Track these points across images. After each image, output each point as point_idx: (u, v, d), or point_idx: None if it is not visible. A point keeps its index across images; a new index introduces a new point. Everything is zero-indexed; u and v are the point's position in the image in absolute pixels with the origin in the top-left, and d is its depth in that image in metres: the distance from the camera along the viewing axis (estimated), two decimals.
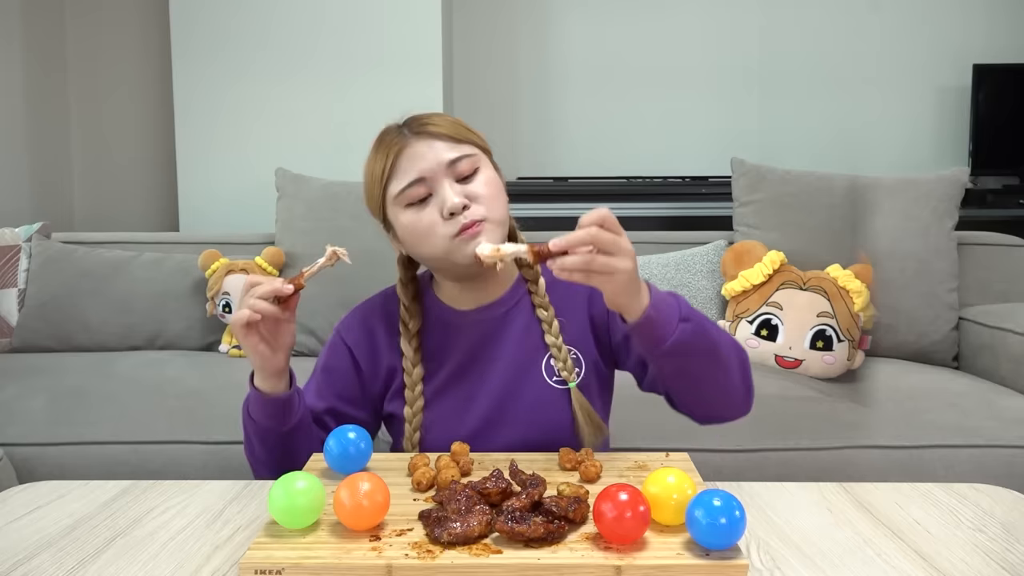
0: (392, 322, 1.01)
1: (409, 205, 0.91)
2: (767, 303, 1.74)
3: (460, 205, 0.89)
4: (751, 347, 1.73)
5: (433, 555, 0.63)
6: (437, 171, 0.90)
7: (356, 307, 1.05)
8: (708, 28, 3.08)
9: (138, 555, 0.72)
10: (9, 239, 2.05)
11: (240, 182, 2.63)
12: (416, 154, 0.90)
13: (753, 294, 1.77)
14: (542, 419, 0.95)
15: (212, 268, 1.95)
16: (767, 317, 1.73)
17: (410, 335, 0.98)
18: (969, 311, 1.88)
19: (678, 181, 2.85)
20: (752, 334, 1.74)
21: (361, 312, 1.04)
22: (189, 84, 2.65)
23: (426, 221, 0.90)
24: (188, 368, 1.76)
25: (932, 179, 1.92)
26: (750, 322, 1.74)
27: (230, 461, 1.39)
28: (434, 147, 0.91)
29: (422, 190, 0.90)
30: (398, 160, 0.91)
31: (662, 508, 0.68)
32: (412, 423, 0.96)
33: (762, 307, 1.74)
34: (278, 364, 0.88)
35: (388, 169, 0.91)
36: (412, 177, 0.90)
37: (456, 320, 1.00)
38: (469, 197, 0.90)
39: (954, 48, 3.00)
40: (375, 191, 0.94)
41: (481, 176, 0.92)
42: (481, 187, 0.91)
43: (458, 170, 0.91)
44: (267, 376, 0.89)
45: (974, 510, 0.81)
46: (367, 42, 2.60)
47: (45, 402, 1.52)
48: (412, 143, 0.91)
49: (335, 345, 1.02)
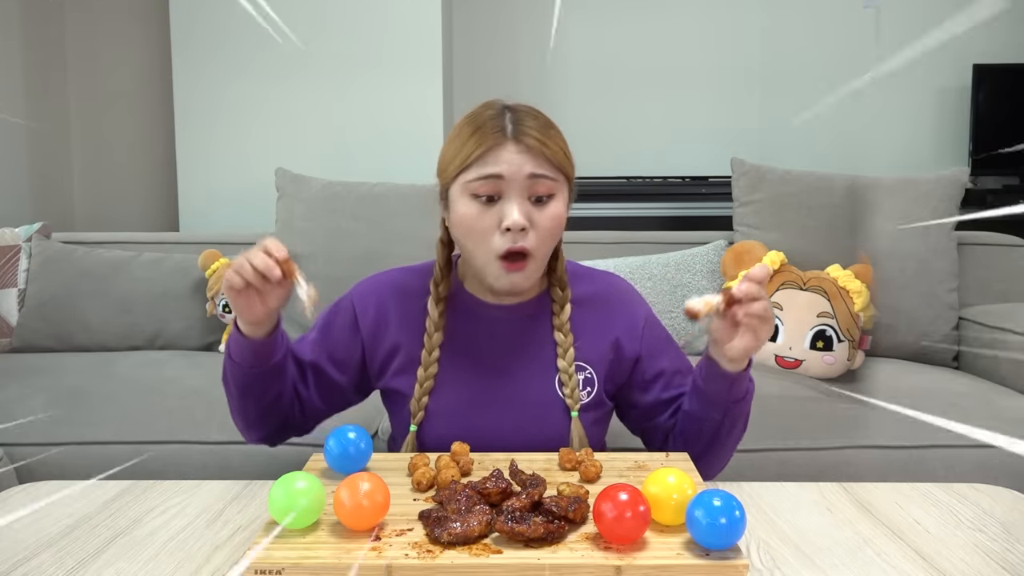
0: (408, 298, 1.01)
1: (475, 196, 0.91)
2: None
3: (520, 225, 0.89)
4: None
5: (433, 555, 0.63)
6: (516, 180, 0.90)
7: (375, 276, 1.05)
8: (708, 28, 3.08)
9: (138, 555, 0.72)
10: (9, 239, 2.05)
11: (240, 182, 2.63)
12: (505, 157, 0.90)
13: None
14: (546, 428, 0.96)
15: (212, 268, 1.95)
16: None
17: (438, 297, 0.99)
18: (969, 311, 1.88)
19: (678, 181, 2.85)
20: None
21: (378, 282, 1.04)
22: (189, 84, 2.65)
23: (482, 224, 0.91)
24: (188, 368, 1.76)
25: (932, 179, 1.92)
26: None
27: (230, 461, 1.39)
28: (526, 156, 0.91)
29: (494, 188, 0.90)
30: (487, 154, 0.90)
31: (662, 508, 0.68)
32: (423, 386, 0.96)
33: None
34: (264, 317, 0.88)
35: (474, 156, 0.91)
36: (491, 171, 0.90)
37: (479, 309, 1.00)
38: (531, 222, 0.90)
39: (954, 48, 3.00)
40: (452, 166, 0.93)
41: (551, 207, 0.92)
42: (546, 219, 0.92)
43: (535, 188, 0.91)
44: (250, 324, 0.88)
45: (974, 510, 0.81)
46: (367, 42, 2.60)
47: (45, 402, 1.52)
48: (508, 145, 0.91)
49: (344, 307, 1.02)
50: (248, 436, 0.98)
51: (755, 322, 0.84)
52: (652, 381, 1.00)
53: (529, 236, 0.90)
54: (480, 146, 0.90)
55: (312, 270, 1.91)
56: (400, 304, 1.01)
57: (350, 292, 1.03)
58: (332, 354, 1.00)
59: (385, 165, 2.48)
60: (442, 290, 0.99)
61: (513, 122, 0.92)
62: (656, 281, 1.87)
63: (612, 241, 2.08)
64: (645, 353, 1.00)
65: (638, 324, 1.01)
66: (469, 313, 1.00)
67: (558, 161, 0.93)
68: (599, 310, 1.01)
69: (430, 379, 0.96)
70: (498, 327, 0.99)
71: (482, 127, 0.92)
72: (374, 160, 2.57)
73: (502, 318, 0.99)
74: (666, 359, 1.01)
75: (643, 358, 1.00)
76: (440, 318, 0.98)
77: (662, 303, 1.84)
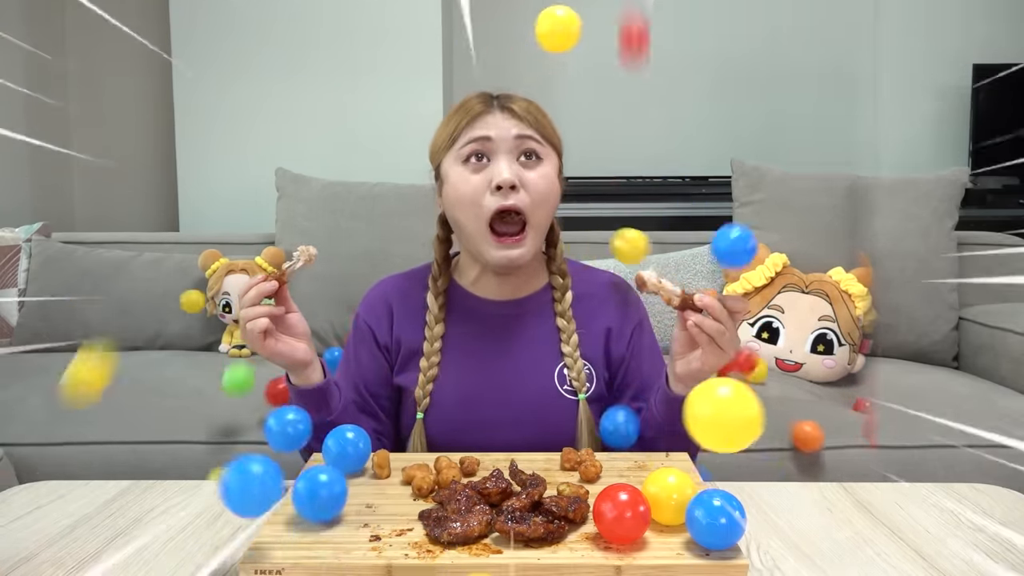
0: (408, 296, 1.02)
1: (465, 161, 0.93)
2: (768, 306, 1.74)
3: (510, 182, 0.90)
4: (751, 350, 1.72)
5: (433, 555, 0.63)
6: (504, 139, 0.92)
7: (376, 285, 1.06)
8: (708, 28, 3.08)
9: (138, 556, 0.72)
10: (9, 239, 2.05)
11: (240, 182, 2.63)
12: (492, 122, 0.93)
13: (755, 296, 1.76)
14: (547, 422, 0.96)
15: (212, 268, 1.95)
16: (768, 320, 1.72)
17: (438, 291, 0.99)
18: (969, 311, 1.88)
19: (678, 181, 2.85)
20: (753, 336, 1.73)
21: (380, 289, 1.05)
22: (189, 84, 2.65)
23: (473, 183, 0.92)
24: (188, 368, 1.76)
25: (932, 179, 1.92)
26: (751, 324, 1.74)
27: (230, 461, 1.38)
28: (512, 120, 0.93)
29: (482, 147, 0.92)
30: (474, 121, 0.93)
31: (662, 508, 0.68)
32: (427, 375, 0.96)
33: (763, 310, 1.74)
34: (303, 355, 0.88)
35: (462, 125, 0.93)
36: (479, 134, 0.92)
37: (477, 307, 1.00)
38: (521, 181, 0.92)
39: (954, 48, 3.00)
40: (441, 141, 0.95)
41: (541, 167, 0.94)
42: (537, 178, 0.93)
43: (523, 147, 0.93)
44: (297, 369, 0.89)
45: (974, 510, 0.81)
46: (367, 42, 2.60)
47: (45, 402, 1.52)
48: (494, 112, 0.94)
49: (360, 329, 1.02)
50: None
51: (703, 338, 0.82)
52: (626, 386, 1.00)
53: (520, 195, 0.91)
54: (467, 116, 0.93)
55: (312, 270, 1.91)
56: (401, 302, 1.02)
57: (359, 310, 1.04)
58: (367, 379, 1.00)
59: (385, 165, 2.48)
60: (441, 284, 1.00)
61: (498, 96, 0.96)
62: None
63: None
64: (630, 357, 1.00)
65: (630, 326, 1.01)
66: (469, 311, 1.00)
67: (545, 132, 0.95)
68: (598, 307, 1.01)
69: (434, 367, 0.97)
70: (496, 323, 0.99)
71: (467, 103, 0.95)
72: (374, 160, 2.57)
73: (501, 313, 1.00)
74: (645, 368, 1.01)
75: (627, 361, 1.00)
76: (440, 311, 0.99)
77: (661, 303, 1.84)
